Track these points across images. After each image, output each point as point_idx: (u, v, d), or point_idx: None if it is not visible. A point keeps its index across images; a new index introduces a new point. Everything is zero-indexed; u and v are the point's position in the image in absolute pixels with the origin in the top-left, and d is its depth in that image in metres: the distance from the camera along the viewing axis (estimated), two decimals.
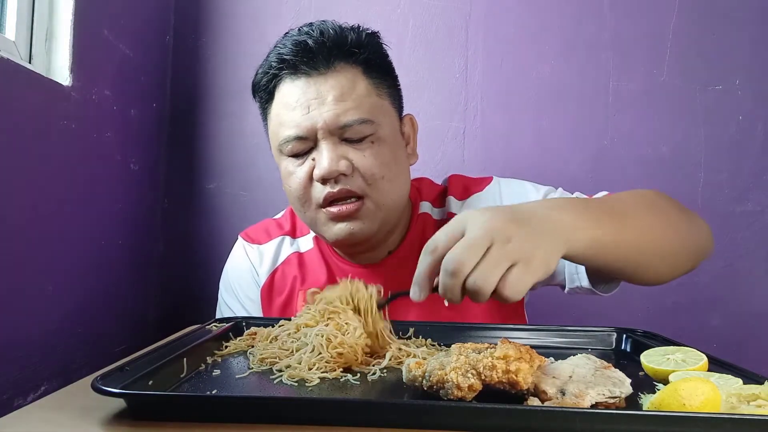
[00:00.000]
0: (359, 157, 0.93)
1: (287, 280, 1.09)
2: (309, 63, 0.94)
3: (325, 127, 0.92)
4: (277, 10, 1.62)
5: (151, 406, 0.49)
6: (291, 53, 0.94)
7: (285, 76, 0.96)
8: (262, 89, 1.00)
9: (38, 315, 1.09)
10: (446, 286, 0.63)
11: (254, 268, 1.11)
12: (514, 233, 0.63)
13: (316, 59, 0.93)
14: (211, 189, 1.63)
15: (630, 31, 1.53)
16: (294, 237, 1.12)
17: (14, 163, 1.02)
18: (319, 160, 0.93)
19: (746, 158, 1.50)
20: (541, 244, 0.65)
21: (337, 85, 0.93)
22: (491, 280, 0.61)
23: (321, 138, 0.93)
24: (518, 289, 0.62)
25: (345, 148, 0.93)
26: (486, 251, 0.61)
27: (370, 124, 0.94)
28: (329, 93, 0.92)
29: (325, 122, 0.92)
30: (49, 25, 1.18)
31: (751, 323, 1.48)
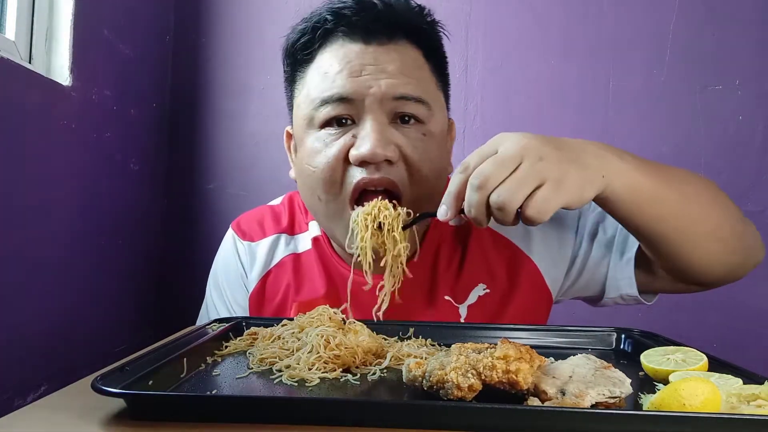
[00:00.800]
0: (409, 146, 0.80)
1: (280, 286, 0.95)
2: (371, 26, 0.80)
3: (379, 94, 0.78)
4: (277, 11, 1.62)
5: (151, 406, 0.49)
6: (351, 8, 0.80)
7: (337, 36, 0.81)
8: (301, 48, 0.84)
9: (38, 315, 1.09)
10: (471, 201, 0.62)
11: (244, 270, 0.98)
12: (548, 154, 0.61)
13: (380, 24, 0.80)
14: (211, 189, 1.63)
15: (630, 31, 1.54)
16: (291, 234, 0.98)
17: (14, 163, 1.02)
18: (362, 138, 0.78)
19: (746, 158, 1.50)
20: (575, 170, 0.62)
21: (399, 58, 0.80)
22: (517, 197, 0.59)
23: (368, 109, 0.78)
24: (543, 208, 0.59)
25: (395, 132, 0.80)
26: (516, 168, 0.60)
27: (428, 108, 0.81)
28: (390, 63, 0.79)
29: (380, 89, 0.78)
30: (49, 25, 1.18)
31: (751, 323, 1.48)
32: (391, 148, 0.78)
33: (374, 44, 0.80)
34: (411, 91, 0.79)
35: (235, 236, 1.01)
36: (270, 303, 0.95)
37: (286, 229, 0.99)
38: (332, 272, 0.93)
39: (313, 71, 0.83)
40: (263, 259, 0.97)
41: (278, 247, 0.98)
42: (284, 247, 0.97)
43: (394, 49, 0.81)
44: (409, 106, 0.80)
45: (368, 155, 0.77)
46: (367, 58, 0.79)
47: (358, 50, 0.80)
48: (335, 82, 0.79)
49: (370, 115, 0.79)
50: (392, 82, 0.78)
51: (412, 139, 0.81)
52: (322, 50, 0.83)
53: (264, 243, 0.98)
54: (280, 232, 0.98)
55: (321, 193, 0.82)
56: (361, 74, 0.79)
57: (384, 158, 0.78)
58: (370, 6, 0.81)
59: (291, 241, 0.98)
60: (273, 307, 0.95)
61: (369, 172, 0.78)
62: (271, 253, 0.97)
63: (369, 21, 0.80)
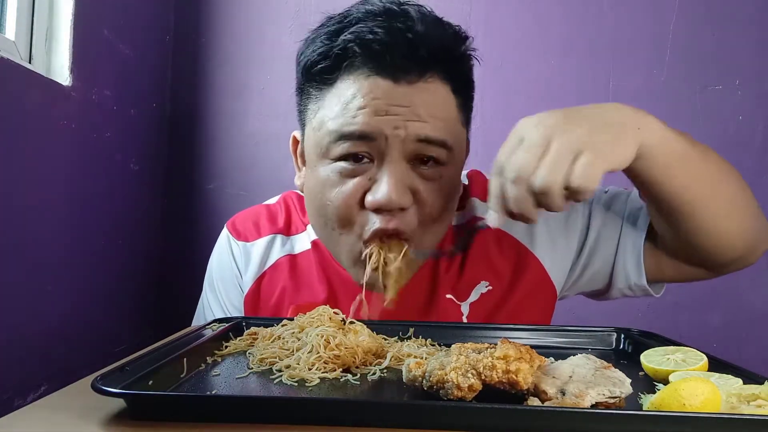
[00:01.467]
0: (426, 191, 0.78)
1: (275, 288, 0.92)
2: (402, 64, 0.74)
3: (404, 136, 0.74)
4: (277, 11, 1.62)
5: (151, 406, 0.49)
6: (382, 43, 0.74)
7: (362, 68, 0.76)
8: (320, 72, 0.79)
9: (38, 315, 1.09)
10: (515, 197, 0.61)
11: (238, 271, 0.96)
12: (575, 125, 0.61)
13: (412, 61, 0.75)
14: (211, 189, 1.63)
15: (630, 31, 1.54)
16: (287, 234, 0.96)
17: (14, 163, 1.02)
18: (380, 184, 0.75)
19: (746, 158, 1.50)
20: (609, 131, 0.61)
21: (429, 100, 0.76)
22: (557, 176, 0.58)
23: (389, 151, 0.75)
24: (590, 174, 0.59)
25: (412, 176, 0.77)
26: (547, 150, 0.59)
27: (449, 152, 0.78)
28: (420, 107, 0.75)
29: (405, 131, 0.74)
30: (49, 25, 1.18)
31: (751, 323, 1.49)
32: (407, 197, 0.76)
33: (404, 82, 0.75)
34: (436, 135, 0.76)
35: (229, 236, 0.99)
36: (266, 305, 0.93)
37: (282, 229, 0.97)
38: (332, 277, 0.91)
39: (333, 97, 0.78)
40: (258, 259, 0.95)
41: (274, 247, 0.95)
42: (280, 247, 0.95)
43: (425, 88, 0.76)
44: (431, 150, 0.77)
45: (384, 203, 0.75)
46: (395, 98, 0.75)
47: (386, 88, 0.75)
48: (357, 117, 0.75)
49: (390, 157, 0.76)
50: (419, 125, 0.75)
51: (428, 182, 0.78)
52: (344, 77, 0.78)
53: (259, 243, 0.96)
54: (275, 233, 0.96)
55: (334, 227, 0.81)
56: (388, 114, 0.74)
57: (399, 206, 0.76)
58: (403, 41, 0.74)
59: (287, 242, 0.96)
60: (269, 309, 0.93)
61: (383, 220, 0.77)
62: (267, 253, 0.95)
63: (400, 57, 0.74)
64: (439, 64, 0.77)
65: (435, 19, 0.79)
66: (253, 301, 0.94)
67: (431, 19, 0.78)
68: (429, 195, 0.78)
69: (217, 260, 1.01)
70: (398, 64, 0.74)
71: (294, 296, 0.91)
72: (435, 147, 0.77)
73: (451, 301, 0.89)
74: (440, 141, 0.77)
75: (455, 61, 0.80)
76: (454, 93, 0.80)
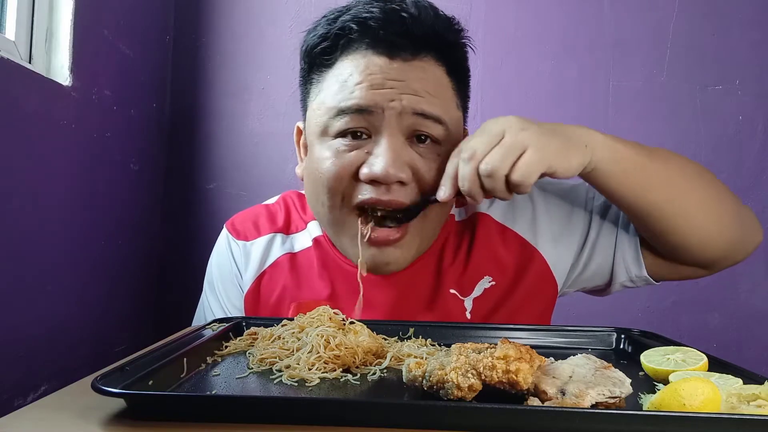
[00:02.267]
0: (425, 167, 0.78)
1: (276, 286, 0.92)
2: (397, 41, 0.77)
3: (399, 108, 0.75)
4: (277, 10, 1.62)
5: (151, 406, 0.49)
6: (379, 20, 0.77)
7: (360, 46, 0.78)
8: (320, 53, 0.81)
9: (38, 315, 1.09)
10: (463, 175, 0.69)
11: (238, 270, 0.96)
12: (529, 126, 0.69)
13: (406, 40, 0.77)
14: (211, 189, 1.63)
15: (630, 31, 1.54)
16: (287, 233, 0.96)
17: (14, 163, 1.02)
18: (376, 156, 0.76)
19: (746, 158, 1.50)
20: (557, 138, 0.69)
21: (423, 76, 0.78)
22: (503, 164, 0.67)
23: (386, 125, 0.76)
24: (527, 171, 0.67)
25: (410, 152, 0.78)
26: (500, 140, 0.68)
27: (446, 129, 0.79)
28: (414, 81, 0.77)
29: (400, 103, 0.75)
30: (49, 25, 1.18)
31: (751, 323, 1.49)
32: (406, 170, 0.77)
33: (398, 59, 0.77)
34: (432, 110, 0.77)
35: (229, 236, 0.99)
36: (266, 303, 0.93)
37: (282, 228, 0.97)
38: (334, 273, 0.91)
39: (332, 78, 0.80)
40: (258, 258, 0.95)
41: (273, 246, 0.95)
42: (280, 246, 0.95)
43: (419, 66, 0.78)
44: (428, 125, 0.78)
45: (381, 175, 0.75)
46: (391, 73, 0.77)
47: (382, 64, 0.77)
48: (354, 92, 0.77)
49: (387, 131, 0.77)
50: (415, 98, 0.77)
51: (427, 160, 0.79)
52: (343, 57, 0.80)
53: (259, 242, 0.96)
54: (275, 232, 0.96)
55: (324, 200, 0.82)
56: (383, 87, 0.76)
57: (397, 179, 0.76)
58: (397, 19, 0.77)
59: (287, 241, 0.96)
60: (269, 308, 0.93)
61: (378, 192, 0.77)
62: (267, 252, 0.95)
63: (395, 35, 0.77)
64: (432, 46, 0.80)
65: (429, 6, 0.81)
66: (254, 300, 0.94)
67: (425, 4, 0.81)
68: (428, 173, 0.78)
69: (216, 260, 1.01)
70: (393, 41, 0.77)
71: (295, 294, 0.91)
72: (431, 122, 0.78)
73: (454, 296, 0.89)
74: (436, 116, 0.78)
75: (449, 46, 0.82)
76: (449, 75, 0.82)
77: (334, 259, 0.91)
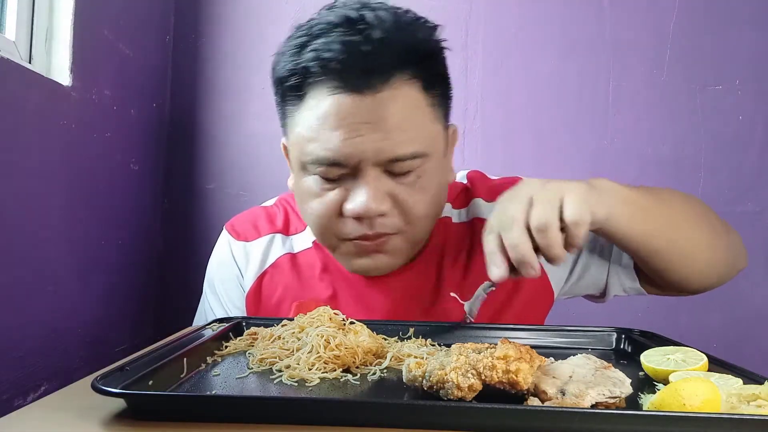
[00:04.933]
0: (404, 194, 0.79)
1: (277, 286, 0.93)
2: (362, 77, 0.74)
3: (372, 158, 0.76)
4: (277, 10, 1.62)
5: (151, 406, 0.49)
6: (339, 61, 0.74)
7: (325, 85, 0.76)
8: (289, 88, 0.80)
9: (38, 315, 1.09)
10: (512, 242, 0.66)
11: (239, 270, 0.97)
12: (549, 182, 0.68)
13: (372, 72, 0.74)
14: (211, 189, 1.63)
15: (630, 31, 1.54)
16: (287, 234, 0.97)
17: (14, 163, 1.02)
18: (356, 194, 0.78)
19: (746, 158, 1.50)
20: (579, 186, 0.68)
21: (394, 110, 0.75)
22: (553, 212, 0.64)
23: (362, 168, 0.77)
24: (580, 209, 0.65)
25: (388, 183, 0.79)
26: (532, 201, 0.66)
27: (422, 157, 0.79)
28: (384, 120, 0.75)
29: (374, 153, 0.75)
30: (49, 25, 1.18)
31: (751, 323, 1.48)
32: (386, 202, 0.78)
33: (368, 93, 0.75)
34: (404, 151, 0.77)
35: (229, 237, 1.00)
36: (267, 303, 0.94)
37: (282, 229, 0.98)
38: (334, 274, 0.92)
39: (305, 112, 0.79)
40: (259, 258, 0.96)
41: (273, 246, 0.96)
42: (280, 246, 0.96)
43: (390, 96, 0.75)
44: (404, 165, 0.78)
45: (362, 212, 0.77)
46: (361, 114, 0.75)
47: (351, 103, 0.75)
48: (330, 143, 0.76)
49: (365, 172, 0.77)
50: (385, 145, 0.75)
51: (408, 186, 0.79)
52: (311, 95, 0.78)
53: (259, 243, 0.97)
54: (275, 232, 0.97)
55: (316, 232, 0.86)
56: (356, 135, 0.75)
57: (378, 213, 0.78)
58: (358, 55, 0.74)
59: (287, 241, 0.97)
60: (271, 307, 0.93)
61: (363, 227, 0.80)
62: (267, 252, 0.96)
63: (359, 73, 0.74)
64: (403, 66, 0.77)
65: (395, 21, 0.77)
66: (255, 299, 0.94)
67: (390, 22, 0.76)
68: (409, 197, 0.80)
69: (216, 262, 1.02)
70: (359, 79, 0.74)
71: (296, 294, 0.92)
72: (408, 161, 0.78)
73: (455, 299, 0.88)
74: (410, 155, 0.77)
75: (422, 58, 0.79)
76: (425, 90, 0.80)
77: (334, 262, 0.92)
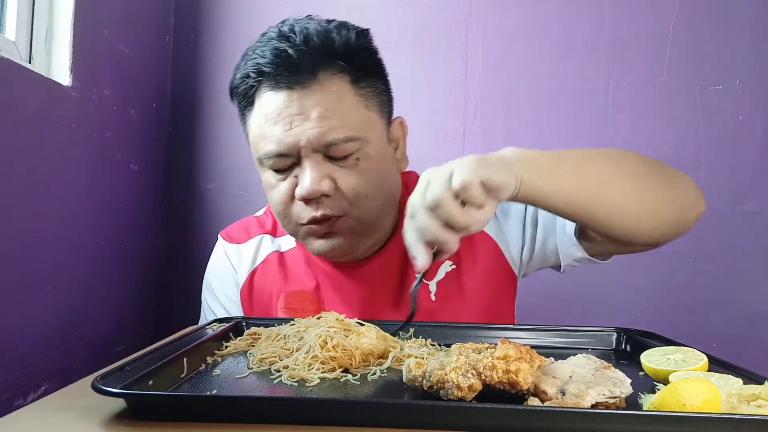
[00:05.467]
0: (343, 176, 0.89)
1: (267, 280, 1.04)
2: (291, 76, 0.87)
3: (308, 145, 0.87)
4: (277, 10, 1.62)
5: (151, 406, 0.49)
6: (270, 64, 0.88)
7: (265, 87, 0.90)
8: (241, 95, 0.94)
9: (38, 315, 1.09)
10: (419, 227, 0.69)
11: (233, 268, 1.07)
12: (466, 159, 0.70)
13: (299, 71, 0.87)
14: (211, 189, 1.63)
15: (630, 31, 1.53)
16: (275, 236, 1.08)
17: (14, 163, 1.02)
18: (302, 179, 0.89)
19: (746, 158, 1.50)
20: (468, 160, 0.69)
21: (321, 100, 0.87)
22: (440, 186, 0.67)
23: (304, 155, 0.88)
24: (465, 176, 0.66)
25: (329, 167, 0.89)
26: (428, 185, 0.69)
27: (357, 141, 0.89)
28: (313, 109, 0.87)
29: (308, 140, 0.87)
30: (49, 25, 1.18)
31: (751, 323, 1.48)
32: (326, 184, 0.88)
33: (297, 89, 0.87)
34: (336, 135, 0.87)
35: (223, 242, 1.11)
36: (260, 296, 1.03)
37: (270, 231, 1.09)
38: (316, 270, 1.02)
39: (254, 118, 0.93)
40: (250, 256, 1.06)
41: (263, 246, 1.07)
42: (269, 245, 1.07)
43: (317, 89, 0.87)
44: (338, 148, 0.88)
45: (307, 194, 0.88)
46: (293, 107, 0.87)
47: (285, 98, 0.88)
48: (273, 137, 0.88)
49: (306, 159, 0.88)
50: (318, 130, 0.86)
51: (348, 167, 0.89)
52: (257, 97, 0.92)
53: (250, 243, 1.08)
54: (264, 233, 1.08)
55: (280, 219, 0.97)
56: (291, 126, 0.87)
57: (321, 194, 0.88)
58: (285, 57, 0.87)
59: (275, 241, 1.07)
60: (263, 300, 1.03)
61: (312, 209, 0.90)
62: (257, 251, 1.06)
63: (287, 73, 0.87)
64: (326, 65, 0.88)
65: (319, 30, 0.89)
66: (248, 293, 1.04)
67: (314, 30, 0.89)
68: (349, 180, 0.89)
69: (213, 266, 1.11)
70: (289, 78, 0.87)
71: (284, 287, 1.02)
72: (341, 145, 0.88)
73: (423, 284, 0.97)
74: (342, 139, 0.87)
75: (346, 57, 0.89)
76: (353, 83, 0.90)
77: (313, 257, 1.02)
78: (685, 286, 1.49)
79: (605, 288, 1.51)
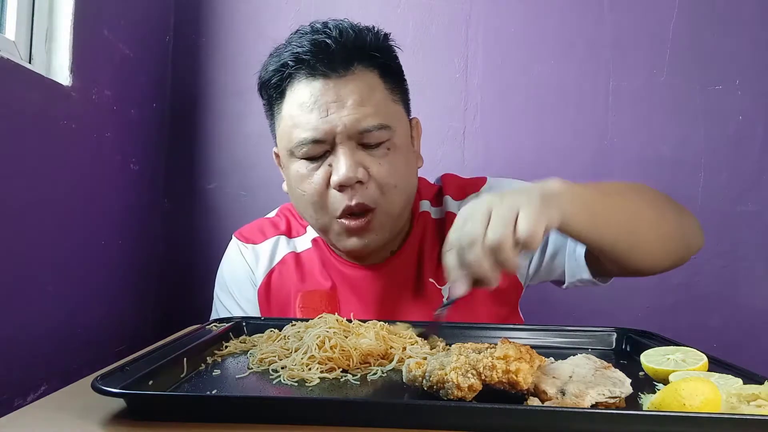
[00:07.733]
0: (375, 165, 0.92)
1: (285, 280, 1.06)
2: (328, 64, 0.91)
3: (345, 131, 0.90)
4: (277, 10, 1.62)
5: (151, 406, 0.49)
6: (309, 53, 0.92)
7: (301, 75, 0.93)
8: (273, 87, 0.97)
9: (38, 315, 1.09)
10: (471, 261, 0.67)
11: (250, 269, 1.09)
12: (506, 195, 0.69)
13: (336, 60, 0.91)
14: (211, 189, 1.63)
15: (630, 31, 1.53)
16: (290, 237, 1.10)
17: (14, 163, 1.02)
18: (337, 166, 0.91)
19: (746, 158, 1.50)
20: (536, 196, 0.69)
21: (356, 89, 0.91)
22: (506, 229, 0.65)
23: (339, 142, 0.91)
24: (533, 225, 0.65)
25: (362, 155, 0.92)
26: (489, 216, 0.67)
27: (388, 129, 0.92)
28: (349, 97, 0.91)
29: (345, 126, 0.90)
30: (49, 25, 1.18)
31: (751, 323, 1.48)
32: (361, 171, 0.91)
33: (334, 78, 0.91)
34: (370, 123, 0.91)
35: (239, 242, 1.12)
36: (278, 295, 1.06)
37: (285, 232, 1.11)
38: (331, 270, 1.05)
39: (287, 108, 0.95)
40: (267, 257, 1.08)
41: (279, 246, 1.09)
42: (285, 246, 1.09)
43: (352, 79, 0.92)
44: (371, 135, 0.91)
45: (344, 180, 0.90)
46: (329, 95, 0.91)
47: (321, 86, 0.91)
48: (309, 124, 0.91)
49: (341, 146, 0.91)
50: (354, 117, 0.90)
51: (378, 157, 0.93)
52: (291, 88, 0.94)
53: (266, 244, 1.09)
54: (279, 234, 1.10)
55: (311, 213, 0.96)
56: (328, 113, 0.90)
57: (356, 180, 0.90)
58: (324, 47, 0.91)
59: (290, 242, 1.10)
60: (280, 300, 1.05)
61: (348, 196, 0.92)
62: (274, 252, 1.08)
63: (326, 61, 0.91)
64: (359, 58, 0.93)
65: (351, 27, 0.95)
66: (266, 293, 1.07)
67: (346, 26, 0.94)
68: (381, 168, 0.92)
69: (228, 265, 1.13)
70: (326, 66, 0.91)
71: (301, 287, 1.04)
72: (375, 132, 0.91)
73: (432, 285, 0.98)
74: (376, 126, 0.91)
75: (375, 53, 0.94)
76: (382, 77, 0.95)
77: (330, 258, 1.05)
78: (685, 286, 1.49)
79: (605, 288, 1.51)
